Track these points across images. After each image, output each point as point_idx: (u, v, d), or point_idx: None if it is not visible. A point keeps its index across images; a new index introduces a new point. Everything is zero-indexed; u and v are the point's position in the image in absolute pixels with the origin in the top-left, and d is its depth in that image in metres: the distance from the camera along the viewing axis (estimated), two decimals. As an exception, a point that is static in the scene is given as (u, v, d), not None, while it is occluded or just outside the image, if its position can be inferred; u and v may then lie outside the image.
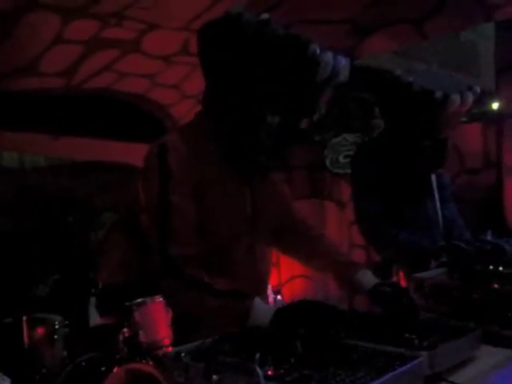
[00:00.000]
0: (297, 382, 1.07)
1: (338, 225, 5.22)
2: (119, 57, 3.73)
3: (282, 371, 1.13)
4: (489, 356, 1.51)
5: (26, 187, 4.83)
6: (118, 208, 4.78)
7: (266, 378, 1.09)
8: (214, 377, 1.14)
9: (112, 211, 5.00)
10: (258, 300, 1.47)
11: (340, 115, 4.59)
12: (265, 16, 1.54)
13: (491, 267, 2.08)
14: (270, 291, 4.53)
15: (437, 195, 2.59)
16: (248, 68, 1.51)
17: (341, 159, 4.65)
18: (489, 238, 2.41)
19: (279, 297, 4.70)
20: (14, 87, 3.71)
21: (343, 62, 1.55)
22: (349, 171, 4.73)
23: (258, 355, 1.21)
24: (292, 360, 1.18)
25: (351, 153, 4.65)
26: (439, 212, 2.59)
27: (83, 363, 3.41)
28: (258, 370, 1.07)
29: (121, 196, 4.39)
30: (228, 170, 1.64)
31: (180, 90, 4.15)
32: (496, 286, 1.81)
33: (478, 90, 2.27)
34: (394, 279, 2.71)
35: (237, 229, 1.64)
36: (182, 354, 1.22)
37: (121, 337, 3.61)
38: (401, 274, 2.56)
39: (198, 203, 1.57)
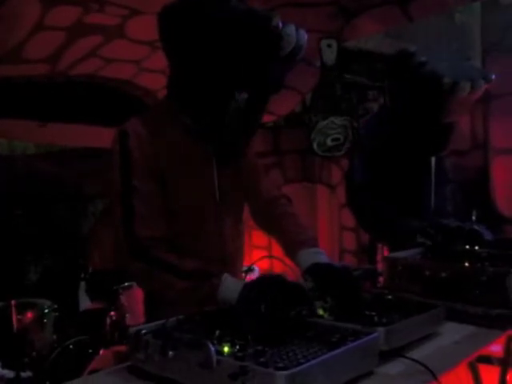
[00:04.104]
0: (249, 357, 1.10)
1: (328, 208, 5.24)
2: (103, 43, 3.72)
3: (238, 347, 1.16)
4: (453, 332, 1.55)
5: (15, 174, 4.85)
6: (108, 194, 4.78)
7: (219, 353, 1.12)
8: (171, 353, 1.17)
9: (102, 198, 5.01)
10: (225, 275, 1.47)
11: (328, 98, 4.58)
12: None
13: (467, 247, 2.11)
14: (257, 274, 4.55)
15: (433, 178, 2.58)
16: (210, 45, 1.50)
17: (328, 142, 4.64)
18: (473, 217, 2.42)
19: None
20: (-1, 75, 3.72)
21: (305, 36, 1.54)
22: (336, 154, 4.77)
23: (217, 332, 1.24)
24: (249, 337, 1.21)
25: (339, 136, 4.65)
26: (432, 195, 2.58)
27: (71, 346, 3.45)
28: (210, 345, 1.09)
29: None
30: (194, 152, 1.65)
31: (167, 75, 4.13)
32: (467, 264, 1.83)
33: (493, 77, 2.18)
34: (379, 257, 2.73)
35: (203, 210, 1.65)
36: (142, 332, 1.25)
37: (108, 320, 3.66)
38: (385, 252, 2.58)
39: (162, 186, 1.58)
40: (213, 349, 1.09)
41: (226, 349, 1.15)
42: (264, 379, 1.01)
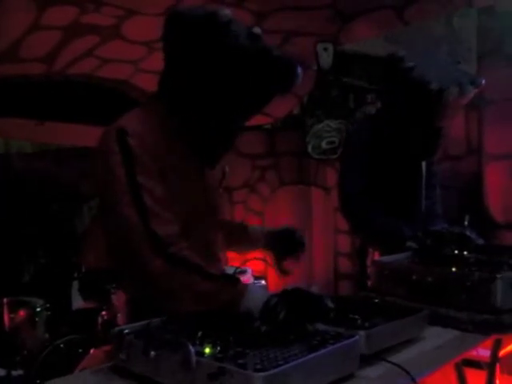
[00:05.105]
0: (229, 358, 1.11)
1: (323, 210, 5.25)
2: (100, 43, 3.73)
3: (219, 348, 1.17)
4: (436, 337, 1.56)
5: (11, 173, 4.85)
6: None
7: (200, 354, 1.13)
8: (152, 353, 1.18)
9: (98, 197, 5.00)
10: (251, 285, 1.47)
11: (323, 101, 4.60)
12: (256, 30, 1.53)
13: (455, 252, 2.12)
14: (250, 275, 4.57)
15: (424, 183, 2.59)
16: (222, 72, 1.51)
17: (323, 145, 4.67)
18: (466, 222, 2.43)
19: (263, 282, 4.73)
20: (-5, 74, 3.72)
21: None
22: (331, 157, 4.78)
23: (199, 333, 1.25)
24: (231, 339, 1.22)
25: (334, 139, 4.66)
26: (423, 199, 2.60)
27: (61, 345, 3.46)
28: (190, 346, 1.10)
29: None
30: (186, 157, 1.65)
31: (160, 74, 4.13)
32: (454, 269, 1.83)
33: (483, 82, 2.19)
34: (369, 261, 2.74)
35: (190, 214, 1.65)
36: (125, 332, 1.26)
37: (100, 319, 3.67)
38: (376, 256, 2.59)
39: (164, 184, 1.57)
40: (192, 349, 1.10)
41: (207, 350, 1.16)
42: (242, 380, 1.02)
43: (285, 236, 2.01)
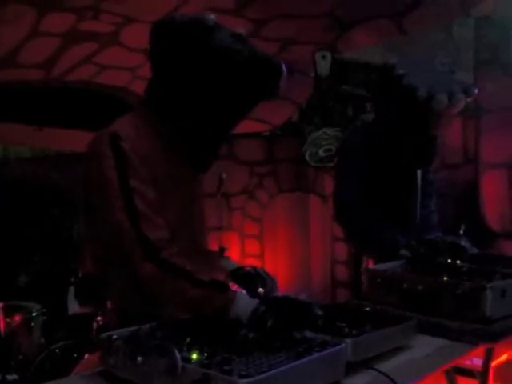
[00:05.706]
0: (215, 365, 1.11)
1: (320, 218, 5.26)
2: (98, 50, 3.76)
3: (206, 354, 1.18)
4: (424, 345, 1.56)
5: (10, 178, 4.86)
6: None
7: (187, 360, 1.14)
8: (139, 358, 1.19)
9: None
10: (240, 292, 1.46)
11: (321, 109, 4.62)
12: (241, 31, 1.56)
13: (448, 261, 2.13)
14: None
15: (419, 191, 2.59)
16: (214, 80, 1.53)
17: (321, 153, 4.68)
18: (461, 231, 2.44)
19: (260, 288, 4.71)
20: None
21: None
22: (328, 165, 4.79)
23: (187, 340, 1.26)
24: (218, 345, 1.23)
25: (331, 147, 4.68)
26: (418, 208, 2.60)
27: (57, 350, 3.45)
28: (176, 352, 1.11)
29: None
30: (177, 163, 1.66)
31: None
32: (445, 278, 1.84)
33: (475, 91, 2.19)
34: (363, 269, 2.74)
35: (178, 222, 1.65)
36: (114, 337, 1.27)
37: (95, 325, 3.66)
38: (370, 264, 2.59)
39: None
40: (178, 355, 1.11)
41: (194, 356, 1.17)
42: (226, 387, 1.03)
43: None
